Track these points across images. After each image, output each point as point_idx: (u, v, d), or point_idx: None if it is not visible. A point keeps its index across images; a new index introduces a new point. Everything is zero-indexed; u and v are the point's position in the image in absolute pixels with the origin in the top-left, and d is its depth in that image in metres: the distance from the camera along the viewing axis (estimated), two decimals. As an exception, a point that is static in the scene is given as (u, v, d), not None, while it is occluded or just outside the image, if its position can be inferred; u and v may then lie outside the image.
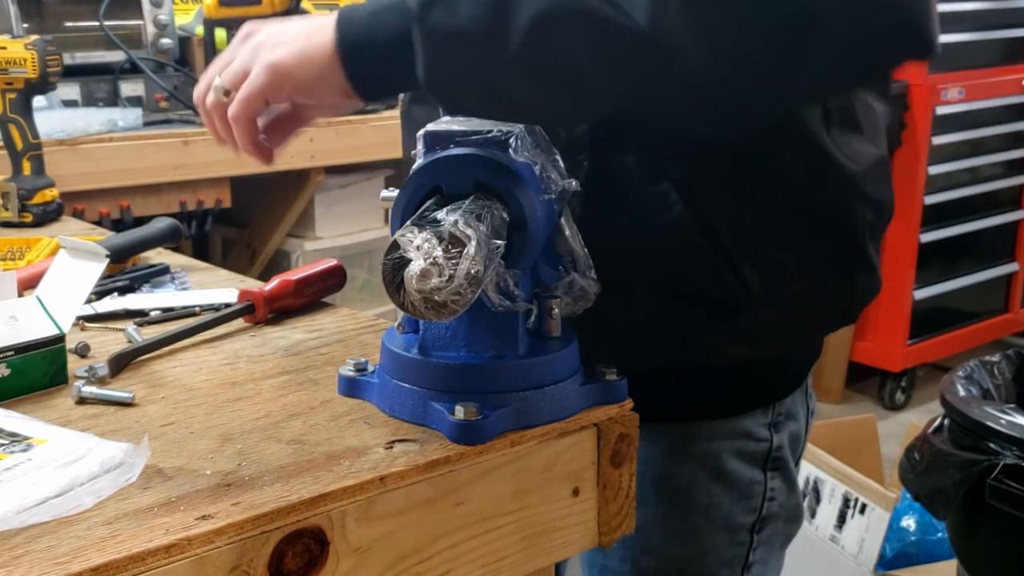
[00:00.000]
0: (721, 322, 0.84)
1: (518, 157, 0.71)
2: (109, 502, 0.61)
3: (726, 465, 0.92)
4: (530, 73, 0.67)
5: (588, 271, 0.76)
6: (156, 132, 2.02)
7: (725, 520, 0.93)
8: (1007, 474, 1.44)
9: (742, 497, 0.93)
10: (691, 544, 0.93)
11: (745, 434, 0.92)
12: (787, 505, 0.97)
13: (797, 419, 0.96)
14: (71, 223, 1.38)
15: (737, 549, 0.95)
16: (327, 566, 0.62)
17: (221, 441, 0.70)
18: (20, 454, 0.64)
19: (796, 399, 0.96)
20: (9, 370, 0.76)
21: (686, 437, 0.92)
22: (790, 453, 0.96)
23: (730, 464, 0.92)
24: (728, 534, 0.94)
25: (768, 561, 0.98)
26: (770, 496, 0.94)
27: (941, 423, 1.60)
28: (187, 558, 0.57)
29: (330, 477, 0.64)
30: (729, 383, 0.91)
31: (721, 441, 0.92)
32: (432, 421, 0.71)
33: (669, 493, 0.92)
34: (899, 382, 3.31)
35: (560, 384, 0.73)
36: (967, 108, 3.23)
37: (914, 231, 3.21)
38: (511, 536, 0.70)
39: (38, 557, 0.55)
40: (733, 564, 0.95)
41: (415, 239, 0.62)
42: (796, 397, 0.96)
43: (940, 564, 1.92)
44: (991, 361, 1.75)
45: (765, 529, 0.95)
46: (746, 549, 0.95)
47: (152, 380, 0.81)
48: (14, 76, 1.30)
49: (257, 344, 0.90)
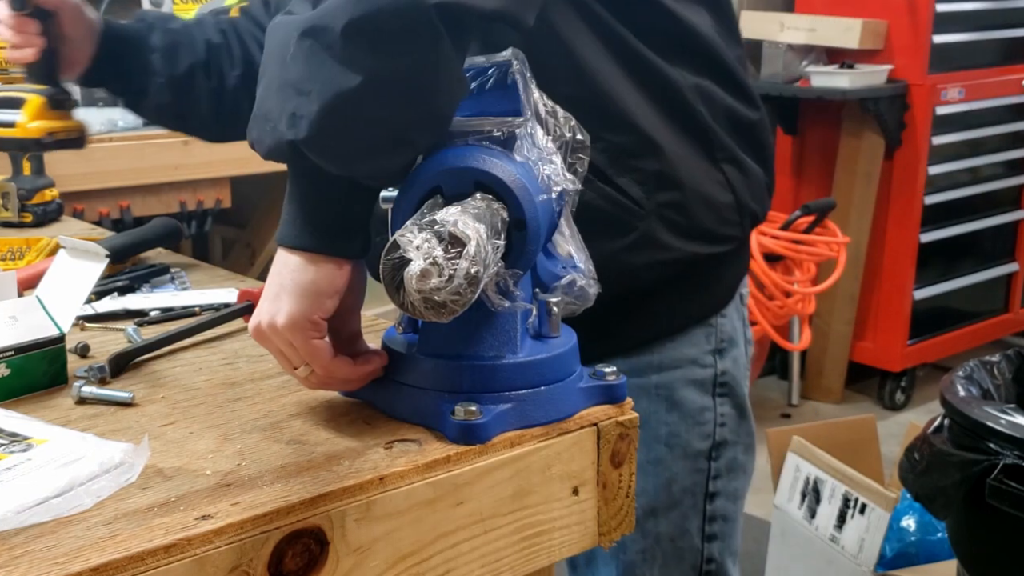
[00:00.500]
0: (623, 238, 0.93)
1: (518, 157, 0.71)
2: (109, 502, 0.61)
3: (678, 394, 1.00)
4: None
5: (588, 271, 0.76)
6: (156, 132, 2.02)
7: (684, 448, 1.00)
8: (1007, 474, 1.44)
9: (696, 424, 1.01)
10: (656, 475, 1.00)
11: (692, 361, 1.00)
12: (739, 432, 1.04)
13: (738, 345, 1.04)
14: (71, 223, 1.38)
15: (697, 476, 1.02)
16: (327, 566, 0.62)
17: (221, 441, 0.70)
18: (20, 454, 0.64)
19: (735, 325, 1.04)
20: (9, 370, 0.76)
21: (639, 371, 0.99)
22: (735, 380, 1.03)
23: (681, 393, 1.00)
24: (688, 461, 1.01)
25: (732, 495, 1.05)
26: (721, 422, 1.02)
27: (941, 423, 1.60)
28: (187, 558, 0.57)
29: (330, 477, 0.64)
30: (662, 302, 0.98)
31: (672, 371, 0.99)
32: (432, 421, 0.71)
33: None
34: (899, 382, 3.31)
35: (560, 384, 0.73)
36: (967, 108, 3.23)
37: (914, 231, 3.21)
38: (511, 536, 0.70)
39: (38, 557, 0.55)
40: (695, 492, 1.02)
41: (415, 239, 0.62)
42: (735, 322, 1.04)
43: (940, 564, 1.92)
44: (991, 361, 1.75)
45: (722, 457, 1.03)
46: (706, 476, 1.02)
47: (152, 380, 0.81)
48: (14, 77, 1.30)
49: (257, 344, 0.89)
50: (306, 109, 0.68)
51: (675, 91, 0.95)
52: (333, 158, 0.69)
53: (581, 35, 0.92)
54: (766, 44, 3.24)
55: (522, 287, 0.72)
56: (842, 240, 3.03)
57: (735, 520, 1.07)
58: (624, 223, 0.93)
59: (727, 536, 1.06)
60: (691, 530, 1.03)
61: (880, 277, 3.27)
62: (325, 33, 0.68)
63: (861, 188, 3.20)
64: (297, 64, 0.69)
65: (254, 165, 2.13)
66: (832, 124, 3.26)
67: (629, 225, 0.94)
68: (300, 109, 0.68)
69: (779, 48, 3.19)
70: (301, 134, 0.68)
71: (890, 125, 3.11)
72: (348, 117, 0.68)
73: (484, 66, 0.75)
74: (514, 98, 0.75)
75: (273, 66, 0.72)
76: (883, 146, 3.16)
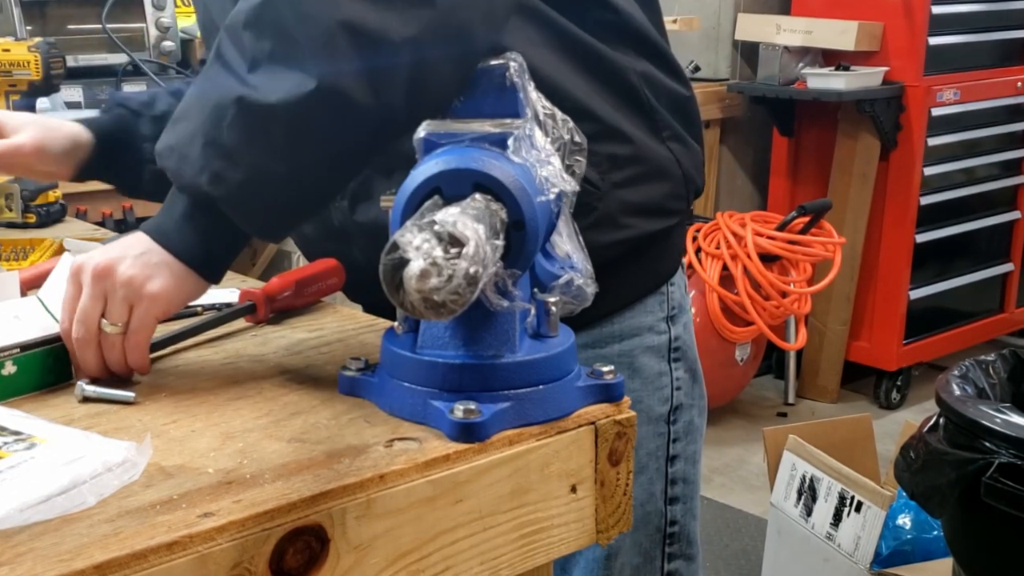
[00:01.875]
0: (585, 218, 0.95)
1: (516, 159, 0.72)
2: (112, 500, 0.61)
3: (638, 361, 1.06)
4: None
5: (586, 271, 0.77)
6: (156, 133, 2.02)
7: (647, 413, 1.06)
8: (1002, 472, 1.44)
9: (656, 389, 1.07)
10: None
11: (648, 329, 1.06)
12: (693, 395, 1.10)
13: (686, 311, 1.11)
14: (74, 224, 1.38)
15: (659, 440, 1.08)
16: (327, 563, 0.62)
17: (223, 439, 0.70)
18: (23, 452, 0.65)
19: (682, 292, 1.11)
20: (15, 367, 0.77)
21: (602, 342, 1.04)
22: (687, 344, 1.10)
23: (641, 360, 1.06)
24: (651, 426, 1.07)
25: (691, 458, 1.11)
26: (677, 386, 1.08)
27: (936, 422, 1.61)
28: (189, 555, 0.57)
29: (330, 475, 0.64)
30: (619, 274, 1.02)
31: (631, 339, 1.05)
32: (432, 419, 0.71)
33: None
34: (895, 381, 3.31)
35: (558, 383, 0.74)
36: (962, 109, 3.24)
37: (910, 231, 3.22)
38: (510, 533, 0.71)
39: (41, 554, 0.56)
40: (658, 456, 1.08)
41: (414, 239, 0.62)
42: (681, 290, 1.11)
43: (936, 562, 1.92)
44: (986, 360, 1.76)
45: (679, 420, 1.09)
46: (666, 440, 1.08)
47: (154, 379, 0.82)
48: (17, 78, 1.31)
49: (258, 343, 0.90)
50: (232, 176, 0.75)
51: (622, 76, 1.00)
52: (245, 220, 0.79)
53: (528, 31, 0.95)
54: (763, 46, 3.25)
55: (521, 287, 0.73)
56: (838, 240, 3.04)
57: (695, 483, 1.12)
58: (584, 204, 0.96)
59: (688, 498, 1.11)
60: (656, 493, 1.08)
61: (876, 277, 3.28)
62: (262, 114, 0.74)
63: (857, 189, 3.21)
64: (232, 133, 0.75)
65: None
66: (828, 126, 3.27)
67: (589, 206, 0.98)
68: (225, 172, 0.75)
69: (775, 50, 3.20)
70: (220, 193, 0.76)
71: (886, 126, 3.12)
72: (269, 194, 0.77)
73: (483, 68, 0.76)
74: (513, 100, 0.76)
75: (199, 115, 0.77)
76: (879, 147, 3.17)
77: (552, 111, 0.78)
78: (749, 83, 3.34)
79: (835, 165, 3.26)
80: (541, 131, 0.76)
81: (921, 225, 3.23)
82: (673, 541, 1.10)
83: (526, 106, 0.75)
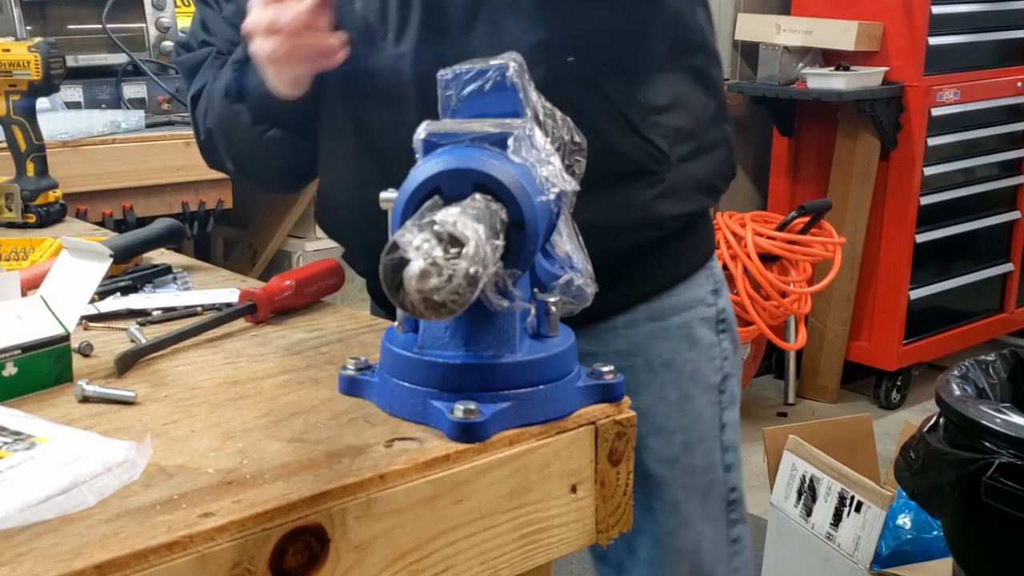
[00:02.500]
0: (653, 188, 1.02)
1: (516, 158, 0.72)
2: (112, 500, 0.61)
3: (695, 332, 1.11)
4: None
5: (586, 271, 0.77)
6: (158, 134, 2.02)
7: (705, 382, 1.11)
8: (1002, 473, 1.44)
9: (709, 359, 1.11)
10: (687, 411, 1.10)
11: (701, 301, 1.12)
12: (735, 364, 1.15)
13: (725, 285, 1.16)
14: (74, 224, 1.38)
15: (714, 408, 1.12)
16: (327, 563, 0.62)
17: (223, 439, 0.70)
18: (23, 452, 0.65)
19: (719, 268, 1.16)
20: (16, 368, 0.77)
21: (662, 314, 1.09)
22: (730, 315, 1.15)
23: (697, 331, 1.11)
24: (708, 395, 1.11)
25: (735, 424, 1.15)
26: (724, 355, 1.13)
27: (936, 422, 1.60)
28: (189, 555, 0.57)
29: (331, 475, 0.64)
30: (678, 247, 1.09)
31: (688, 311, 1.10)
32: (432, 419, 0.71)
33: (662, 369, 1.09)
34: (895, 381, 3.31)
35: (558, 383, 0.74)
36: (962, 109, 3.24)
37: (909, 232, 3.22)
38: (510, 533, 0.71)
39: (41, 554, 0.56)
40: (714, 424, 1.12)
41: (415, 239, 0.62)
42: (718, 266, 1.16)
43: (935, 562, 1.92)
44: (986, 360, 1.76)
45: (727, 389, 1.14)
46: (719, 408, 1.13)
47: (154, 379, 0.82)
48: (17, 78, 1.31)
49: (258, 343, 0.90)
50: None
51: (697, 53, 1.07)
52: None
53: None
54: (763, 46, 3.25)
55: (521, 287, 0.73)
56: (838, 240, 3.04)
57: (740, 450, 1.16)
58: (651, 173, 1.03)
59: (738, 464, 1.15)
60: (716, 462, 1.12)
61: (876, 277, 3.28)
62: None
63: (857, 189, 3.21)
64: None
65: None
66: (828, 126, 3.27)
67: (657, 177, 1.03)
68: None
69: (776, 50, 3.20)
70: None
71: (886, 126, 3.12)
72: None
73: (483, 68, 0.76)
74: (513, 100, 0.76)
75: None
76: (879, 147, 3.17)
77: (552, 110, 0.78)
78: (749, 83, 3.34)
79: (835, 165, 3.26)
80: (541, 131, 0.76)
81: (921, 225, 3.23)
82: (734, 508, 1.14)
83: (526, 106, 0.75)
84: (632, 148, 1.01)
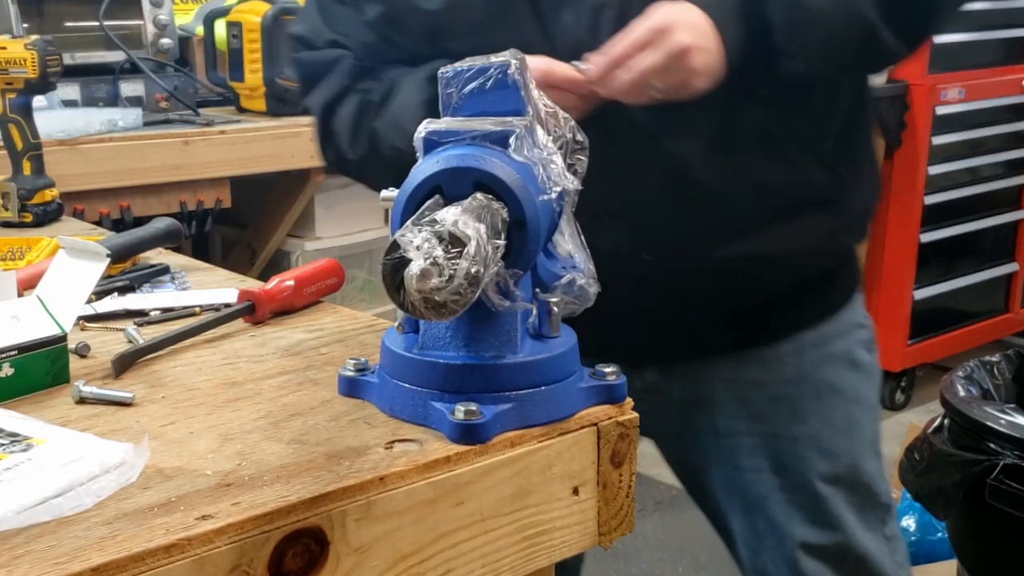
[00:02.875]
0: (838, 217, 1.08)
1: (518, 157, 0.71)
2: (109, 502, 0.61)
3: (856, 355, 1.15)
4: None
5: (588, 271, 0.77)
6: (156, 132, 2.02)
7: (867, 403, 1.16)
8: (1007, 474, 1.44)
9: (868, 379, 1.17)
10: (853, 434, 1.15)
11: (858, 324, 1.17)
12: (879, 378, 1.21)
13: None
14: (71, 223, 1.38)
15: (875, 426, 1.18)
16: (327, 566, 0.62)
17: (221, 441, 0.70)
18: (20, 454, 0.64)
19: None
20: (13, 369, 0.77)
21: (825, 341, 1.13)
22: (875, 337, 1.20)
23: (857, 353, 1.15)
24: (869, 413, 1.17)
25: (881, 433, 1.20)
26: (878, 374, 1.19)
27: (941, 423, 1.60)
28: (187, 558, 0.57)
29: (330, 477, 0.64)
30: (843, 274, 1.15)
31: (849, 335, 1.15)
32: (432, 421, 0.71)
33: (828, 395, 1.13)
34: (899, 382, 3.31)
35: (560, 384, 0.73)
36: (967, 108, 3.23)
37: (914, 231, 3.21)
38: (511, 535, 0.70)
39: (38, 557, 0.55)
40: (875, 443, 1.18)
41: (415, 239, 0.62)
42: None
43: (940, 564, 1.92)
44: (991, 361, 1.75)
45: (876, 405, 1.19)
46: (876, 426, 1.19)
47: (152, 380, 0.81)
48: (14, 76, 1.30)
49: (257, 344, 0.90)
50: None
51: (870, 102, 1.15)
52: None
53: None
54: (766, 44, 3.24)
55: (522, 287, 0.72)
56: (842, 240, 3.03)
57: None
58: (836, 202, 1.08)
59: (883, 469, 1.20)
60: (876, 474, 1.18)
61: (880, 277, 3.27)
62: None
63: (861, 188, 3.20)
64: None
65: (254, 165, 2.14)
66: (832, 124, 3.26)
67: (841, 204, 1.08)
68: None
69: (779, 48, 3.19)
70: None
71: (890, 125, 3.11)
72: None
73: (484, 66, 0.75)
74: (514, 98, 0.75)
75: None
76: (883, 146, 3.16)
77: (554, 109, 0.77)
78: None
79: (839, 164, 3.25)
80: (543, 129, 0.76)
81: (925, 225, 3.23)
82: (887, 509, 1.19)
83: (528, 104, 0.75)
84: (825, 180, 1.06)
